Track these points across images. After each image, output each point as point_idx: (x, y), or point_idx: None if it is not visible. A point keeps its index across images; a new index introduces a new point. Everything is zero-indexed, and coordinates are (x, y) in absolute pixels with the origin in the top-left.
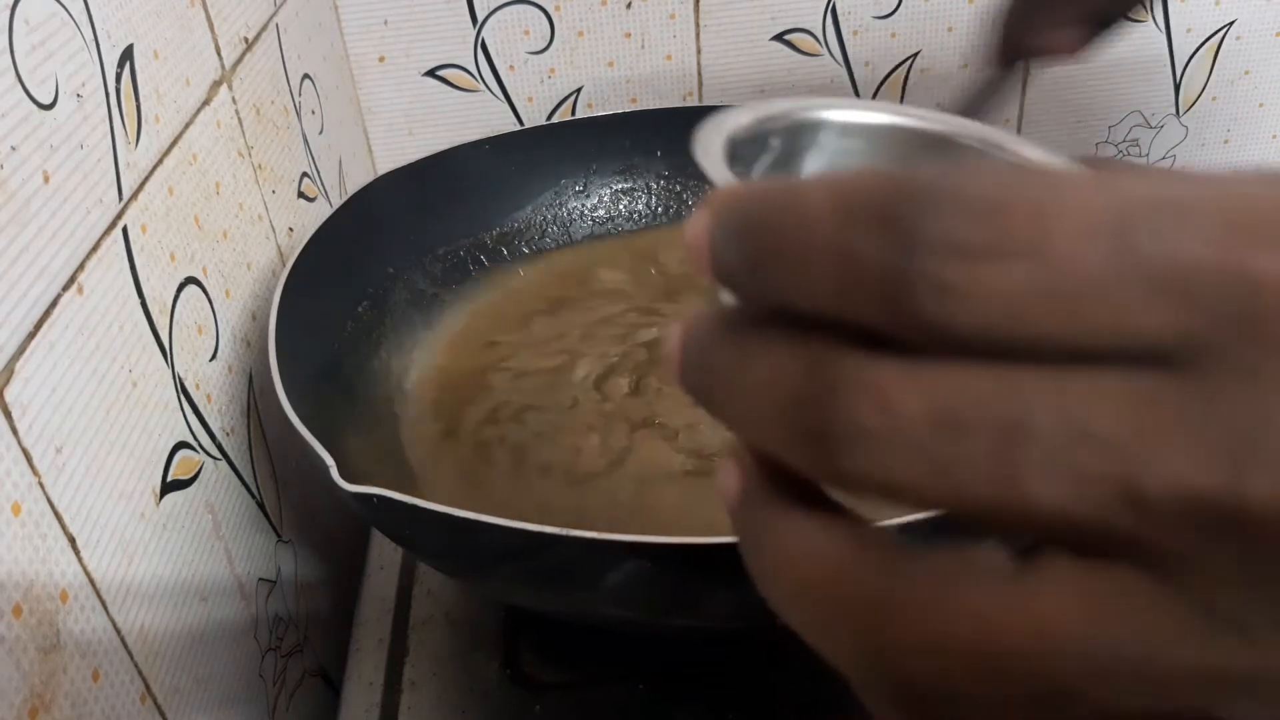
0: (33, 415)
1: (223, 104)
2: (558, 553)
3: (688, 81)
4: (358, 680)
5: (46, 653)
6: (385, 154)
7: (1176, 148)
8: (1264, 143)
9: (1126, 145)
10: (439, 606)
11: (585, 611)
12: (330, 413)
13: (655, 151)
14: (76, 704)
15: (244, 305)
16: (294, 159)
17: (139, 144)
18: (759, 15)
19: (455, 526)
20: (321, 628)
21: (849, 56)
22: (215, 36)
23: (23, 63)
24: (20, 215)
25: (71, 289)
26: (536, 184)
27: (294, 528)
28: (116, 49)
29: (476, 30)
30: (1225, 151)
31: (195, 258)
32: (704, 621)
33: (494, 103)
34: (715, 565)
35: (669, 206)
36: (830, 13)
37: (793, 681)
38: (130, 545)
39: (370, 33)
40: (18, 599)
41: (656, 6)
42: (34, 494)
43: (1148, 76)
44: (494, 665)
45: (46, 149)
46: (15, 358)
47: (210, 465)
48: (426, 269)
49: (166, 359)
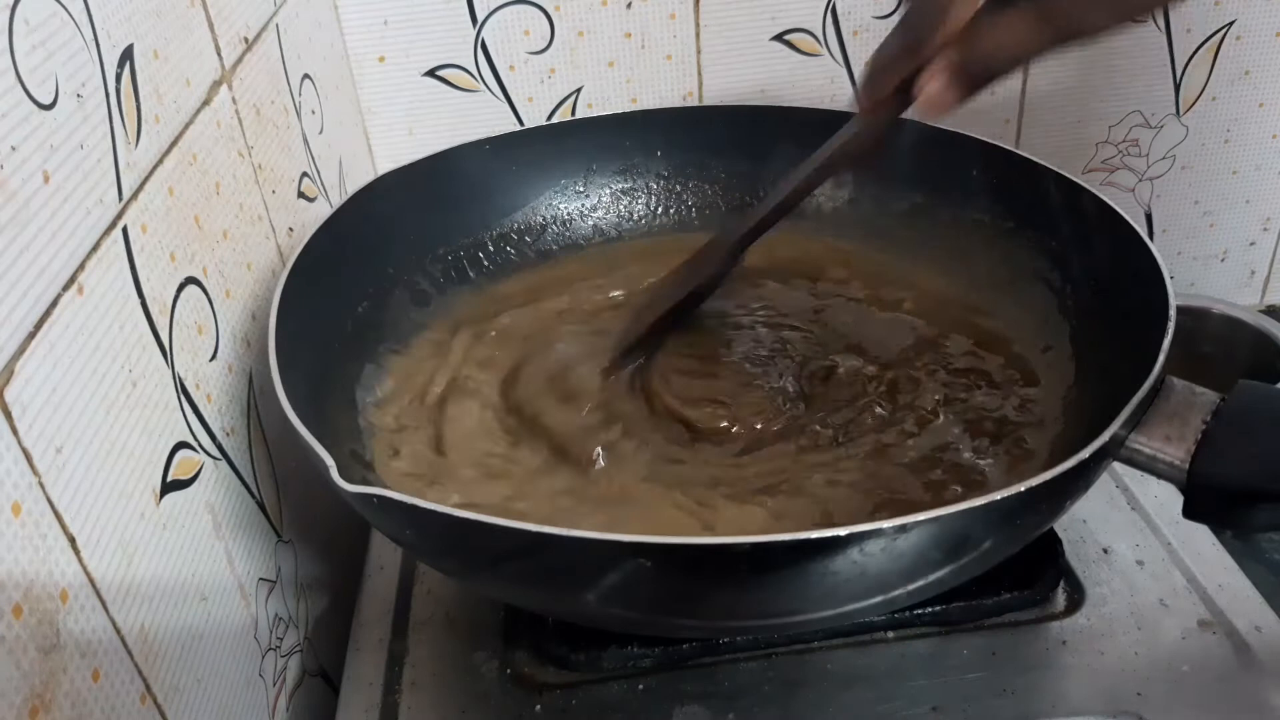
0: (33, 415)
1: (223, 104)
2: (558, 553)
3: (688, 81)
4: (358, 680)
5: (46, 653)
6: (385, 154)
7: (1176, 148)
8: (1264, 143)
9: (1126, 145)
10: (439, 606)
11: (585, 611)
12: (330, 412)
13: (655, 151)
14: (76, 704)
15: (244, 305)
16: (294, 159)
17: (139, 144)
18: (759, 15)
19: (455, 526)
20: (321, 628)
21: (849, 56)
22: (215, 36)
23: (23, 63)
24: (20, 215)
25: (71, 289)
26: (536, 184)
27: (294, 528)
28: (116, 49)
29: (476, 30)
30: (1225, 151)
31: (195, 258)
32: (704, 621)
33: (494, 103)
34: (715, 565)
35: (669, 206)
36: (830, 13)
37: (792, 681)
38: (130, 545)
39: (370, 33)
40: (18, 599)
41: (656, 6)
42: (34, 494)
43: (1148, 76)
44: (494, 665)
45: (46, 149)
46: (15, 358)
47: (210, 465)
48: (426, 269)
49: (166, 359)
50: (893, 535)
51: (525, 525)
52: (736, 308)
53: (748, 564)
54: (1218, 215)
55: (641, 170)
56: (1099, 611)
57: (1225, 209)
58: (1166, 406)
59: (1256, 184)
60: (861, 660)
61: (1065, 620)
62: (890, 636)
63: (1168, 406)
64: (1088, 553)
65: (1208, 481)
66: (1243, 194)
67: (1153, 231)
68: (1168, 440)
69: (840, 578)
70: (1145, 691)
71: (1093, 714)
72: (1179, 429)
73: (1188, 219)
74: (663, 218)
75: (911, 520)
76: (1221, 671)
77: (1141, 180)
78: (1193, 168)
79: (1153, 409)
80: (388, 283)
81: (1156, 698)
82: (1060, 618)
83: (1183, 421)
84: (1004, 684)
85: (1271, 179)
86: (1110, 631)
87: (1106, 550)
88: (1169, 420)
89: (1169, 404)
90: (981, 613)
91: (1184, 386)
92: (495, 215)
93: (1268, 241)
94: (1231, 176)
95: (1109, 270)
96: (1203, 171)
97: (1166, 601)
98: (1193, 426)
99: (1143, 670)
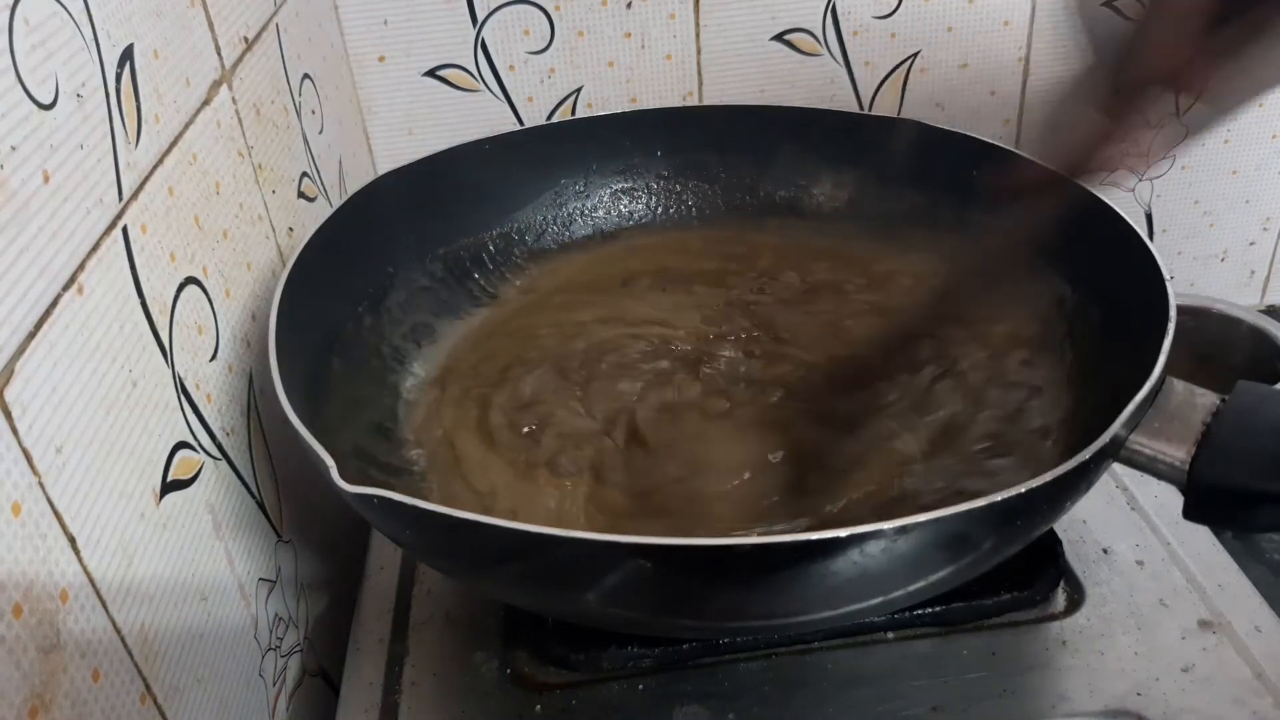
0: (33, 415)
1: (223, 104)
2: (558, 553)
3: (688, 81)
4: (358, 680)
5: (46, 653)
6: (385, 154)
7: (1176, 148)
8: (1264, 143)
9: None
10: (439, 606)
11: (585, 611)
12: (330, 413)
13: (655, 151)
14: (76, 704)
15: (244, 305)
16: (294, 159)
17: (139, 144)
18: (759, 15)
19: (455, 526)
20: (321, 628)
21: (849, 56)
22: (215, 36)
23: (23, 63)
24: (20, 215)
25: (71, 289)
26: (536, 184)
27: (294, 528)
28: (116, 49)
29: (476, 30)
30: (1225, 151)
31: (195, 258)
32: (704, 621)
33: (494, 103)
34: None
35: (669, 206)
36: (830, 13)
37: (792, 681)
38: (130, 545)
39: (370, 33)
40: (18, 599)
41: (656, 6)
42: (34, 494)
43: None
44: (494, 665)
45: (46, 149)
46: (15, 358)
47: (210, 465)
48: (426, 269)
49: (166, 359)
50: (893, 536)
51: (525, 525)
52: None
53: (748, 565)
54: (1218, 215)
55: (641, 170)
56: (1099, 611)
57: (1225, 209)
58: (1167, 407)
59: (1256, 184)
60: (861, 660)
61: (1065, 620)
62: (890, 637)
63: (1168, 407)
64: (1088, 553)
65: (1208, 482)
66: (1243, 194)
67: (1153, 231)
68: (1168, 441)
69: (840, 578)
70: (1145, 691)
71: (1093, 714)
72: (1179, 430)
73: (1188, 219)
74: (663, 218)
75: (912, 521)
76: (1221, 671)
77: (1141, 180)
78: (1193, 168)
79: (1153, 410)
80: (388, 283)
81: (1156, 698)
82: (1060, 618)
83: (1183, 422)
84: (1004, 684)
85: (1271, 179)
86: (1110, 631)
87: (1106, 550)
88: (1169, 421)
89: (1169, 405)
90: (981, 613)
91: (1184, 387)
92: (495, 215)
93: (1268, 241)
94: (1231, 176)
95: (1109, 270)
96: (1203, 171)
97: (1166, 601)
98: (1193, 427)
99: (1143, 670)
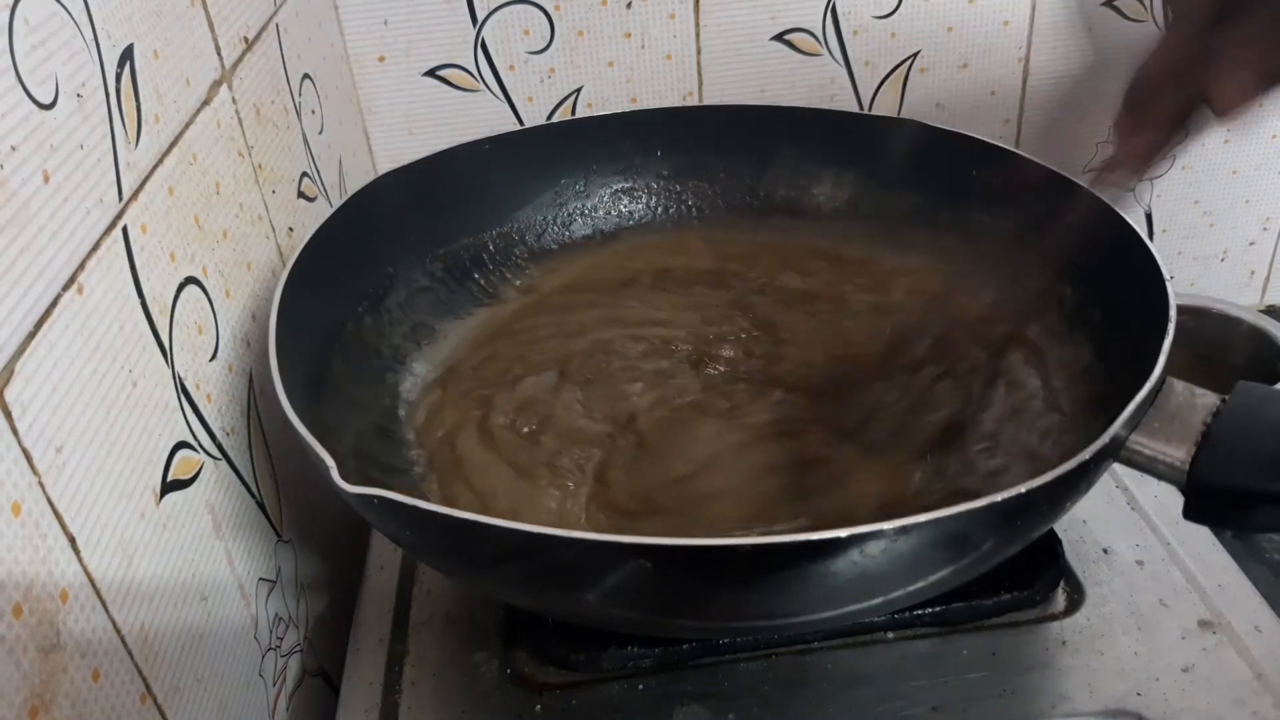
0: (33, 415)
1: (223, 104)
2: (558, 553)
3: (688, 81)
4: (357, 680)
5: (46, 653)
6: (385, 154)
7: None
8: (1264, 143)
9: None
10: (439, 606)
11: (585, 611)
12: (330, 413)
13: (655, 151)
14: (76, 704)
15: (244, 305)
16: (294, 159)
17: (139, 144)
18: (759, 15)
19: (455, 527)
20: (321, 628)
21: (849, 56)
22: (215, 36)
23: (23, 63)
24: (20, 215)
25: (71, 289)
26: (536, 184)
27: (294, 528)
28: (116, 49)
29: (476, 30)
30: (1225, 151)
31: (195, 258)
32: (704, 621)
33: (494, 103)
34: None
35: (669, 206)
36: (830, 13)
37: (792, 681)
38: (130, 545)
39: (370, 33)
40: (18, 599)
41: (656, 6)
42: (34, 494)
43: None
44: (494, 665)
45: (46, 149)
46: (15, 358)
47: (210, 465)
48: (427, 269)
49: (166, 359)
50: (893, 536)
51: (525, 526)
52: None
53: (748, 565)
54: (1218, 215)
55: (641, 170)
56: (1099, 611)
57: (1225, 209)
58: (1167, 407)
59: (1256, 184)
60: (861, 660)
61: (1065, 620)
62: (890, 637)
63: (1168, 407)
64: (1088, 553)
65: (1208, 482)
66: (1243, 194)
67: (1153, 231)
68: (1168, 441)
69: (840, 579)
70: (1145, 691)
71: (1093, 714)
72: (1179, 430)
73: (1188, 219)
74: (663, 218)
75: (912, 522)
76: (1221, 671)
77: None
78: (1193, 168)
79: (1153, 410)
80: (388, 283)
81: (1156, 698)
82: (1060, 618)
83: (1183, 422)
84: (1004, 684)
85: (1271, 179)
86: (1110, 631)
87: (1106, 550)
88: (1169, 421)
89: (1169, 405)
90: (981, 613)
91: (1184, 387)
92: (495, 215)
93: (1268, 241)
94: (1231, 176)
95: (1109, 270)
96: (1203, 171)
97: (1166, 601)
98: (1193, 427)
99: (1142, 670)
